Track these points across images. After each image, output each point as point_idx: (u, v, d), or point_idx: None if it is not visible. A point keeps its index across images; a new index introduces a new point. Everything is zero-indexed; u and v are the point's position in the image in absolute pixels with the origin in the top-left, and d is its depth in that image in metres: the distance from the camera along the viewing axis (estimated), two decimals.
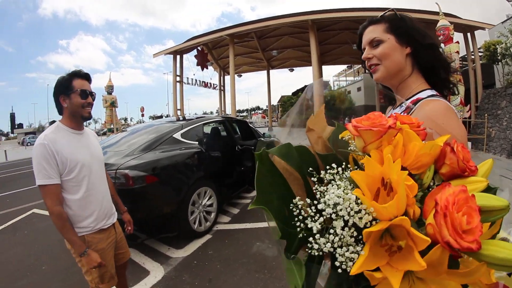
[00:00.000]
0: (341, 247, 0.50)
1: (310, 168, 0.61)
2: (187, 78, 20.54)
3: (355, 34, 1.18)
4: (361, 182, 0.49)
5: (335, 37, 18.82)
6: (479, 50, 13.89)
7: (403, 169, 0.51)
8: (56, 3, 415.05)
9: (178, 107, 20.13)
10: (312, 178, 0.59)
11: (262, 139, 5.60)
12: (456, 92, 1.11)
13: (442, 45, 10.15)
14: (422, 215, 0.50)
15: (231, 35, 16.75)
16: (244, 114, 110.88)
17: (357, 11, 14.11)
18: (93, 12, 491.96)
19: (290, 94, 34.88)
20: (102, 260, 1.82)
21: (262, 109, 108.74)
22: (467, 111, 10.43)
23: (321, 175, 0.57)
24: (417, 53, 1.03)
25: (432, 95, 0.98)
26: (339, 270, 0.49)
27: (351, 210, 0.49)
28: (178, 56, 19.84)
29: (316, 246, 0.51)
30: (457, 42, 10.03)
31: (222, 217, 4.73)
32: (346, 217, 0.49)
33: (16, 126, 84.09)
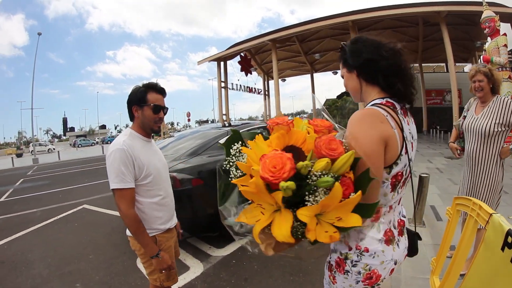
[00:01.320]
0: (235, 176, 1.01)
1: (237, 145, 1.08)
2: (232, 83, 20.91)
3: (397, 33, 1.29)
4: (250, 152, 0.96)
5: (377, 37, 17.87)
6: None
7: (301, 151, 0.95)
8: (101, 18, 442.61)
9: (224, 112, 20.47)
10: (234, 147, 1.08)
11: None
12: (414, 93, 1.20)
13: (488, 38, 9.23)
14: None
15: (272, 40, 16.74)
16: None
17: (397, 8, 13.27)
18: (137, 24, 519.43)
19: (335, 97, 33.96)
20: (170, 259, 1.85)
21: (307, 112, 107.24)
22: None
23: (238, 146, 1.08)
24: (359, 73, 1.20)
25: (373, 105, 1.13)
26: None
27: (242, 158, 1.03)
28: (222, 63, 20.27)
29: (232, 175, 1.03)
30: (505, 34, 8.91)
31: None
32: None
33: (68, 130, 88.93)
